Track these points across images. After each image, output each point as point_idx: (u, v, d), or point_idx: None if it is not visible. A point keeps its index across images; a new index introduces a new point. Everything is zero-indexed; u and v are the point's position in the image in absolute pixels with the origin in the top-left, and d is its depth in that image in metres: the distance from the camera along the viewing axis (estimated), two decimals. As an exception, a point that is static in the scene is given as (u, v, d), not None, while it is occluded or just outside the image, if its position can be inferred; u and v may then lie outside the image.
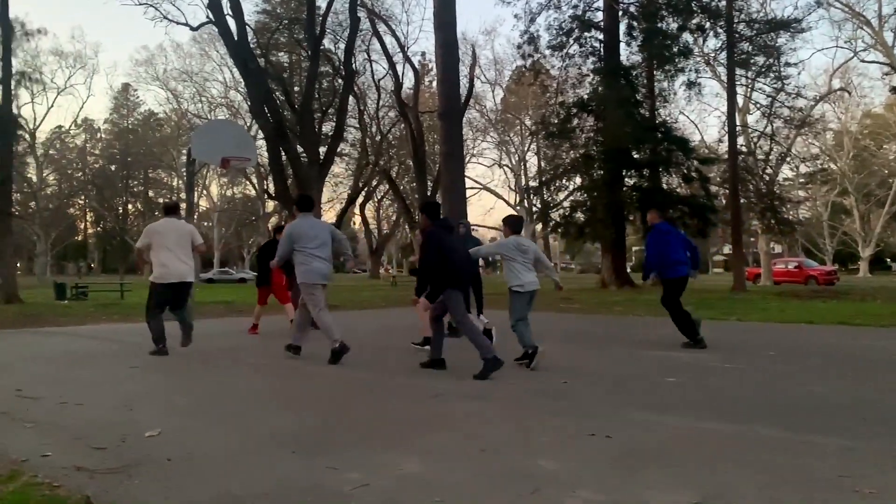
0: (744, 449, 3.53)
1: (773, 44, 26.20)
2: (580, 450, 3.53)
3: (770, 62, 26.45)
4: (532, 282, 6.51)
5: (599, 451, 3.49)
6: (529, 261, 6.52)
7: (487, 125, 49.05)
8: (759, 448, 3.55)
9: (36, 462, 3.29)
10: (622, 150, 25.07)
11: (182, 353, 7.74)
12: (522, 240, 6.64)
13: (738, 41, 25.72)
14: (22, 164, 44.49)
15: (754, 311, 13.90)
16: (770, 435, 3.81)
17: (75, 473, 3.12)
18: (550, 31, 27.88)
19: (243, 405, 4.85)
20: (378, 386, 5.59)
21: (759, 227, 31.26)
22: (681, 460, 3.33)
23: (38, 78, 42.74)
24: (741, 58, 25.99)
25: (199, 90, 50.16)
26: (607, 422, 4.12)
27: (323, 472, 3.14)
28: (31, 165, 49.64)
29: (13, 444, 3.63)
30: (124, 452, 3.47)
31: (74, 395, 5.04)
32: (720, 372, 6.19)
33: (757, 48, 26.31)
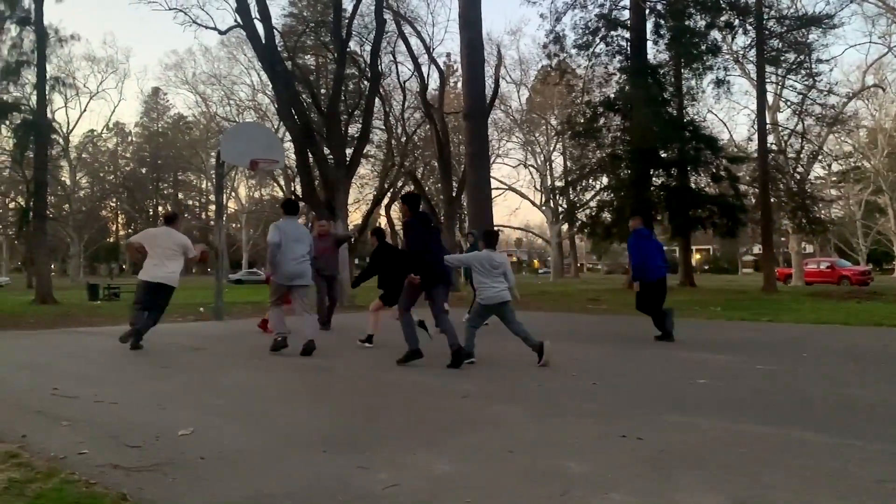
0: (778, 452, 3.47)
1: (804, 40, 25.77)
2: (611, 452, 3.50)
3: (801, 59, 26.01)
4: (495, 296, 6.74)
5: (630, 453, 3.45)
6: (499, 274, 6.77)
7: (513, 125, 48.88)
8: (794, 451, 3.48)
9: (73, 460, 3.35)
10: (649, 150, 24.84)
11: (213, 354, 7.85)
12: (495, 254, 6.91)
13: (768, 38, 25.34)
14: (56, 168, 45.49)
15: (786, 312, 13.66)
16: (805, 438, 3.74)
17: (111, 471, 3.17)
18: (576, 30, 27.74)
19: (274, 404, 4.89)
20: (406, 386, 5.60)
21: (790, 226, 30.74)
22: (714, 463, 3.28)
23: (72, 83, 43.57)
24: (771, 55, 25.61)
25: (228, 93, 50.68)
26: (638, 423, 4.07)
27: (353, 472, 3.15)
28: (64, 169, 50.73)
29: (50, 442, 3.70)
30: (158, 451, 3.53)
31: (108, 394, 5.12)
32: (752, 374, 6.09)
33: (787, 45, 25.91)
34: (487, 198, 24.59)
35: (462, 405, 4.77)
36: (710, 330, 10.51)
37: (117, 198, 67.98)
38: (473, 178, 24.21)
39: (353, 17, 22.41)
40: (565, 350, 7.51)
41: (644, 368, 6.54)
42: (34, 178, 21.31)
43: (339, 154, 19.22)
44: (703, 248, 78.76)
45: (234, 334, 10.30)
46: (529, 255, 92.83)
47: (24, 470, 3.20)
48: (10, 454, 3.46)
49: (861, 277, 33.77)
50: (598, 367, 6.67)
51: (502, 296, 6.74)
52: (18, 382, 5.82)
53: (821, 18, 25.25)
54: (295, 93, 19.85)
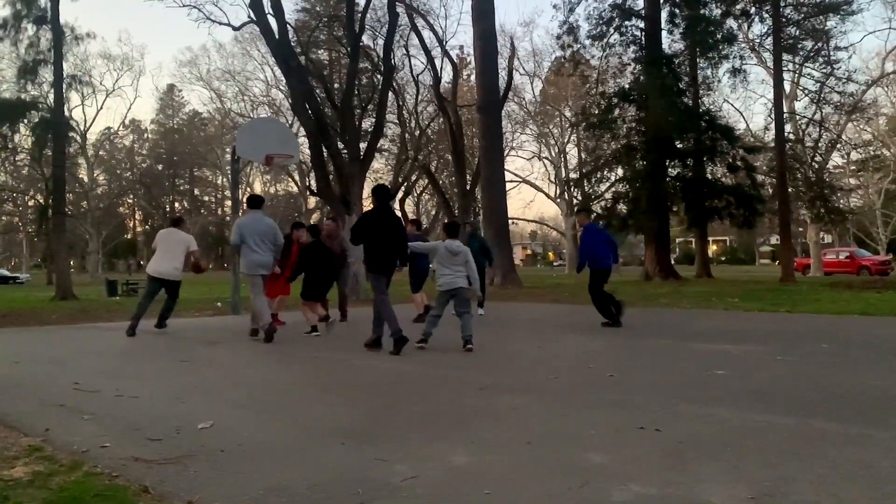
0: (799, 442, 3.44)
1: (821, 27, 25.44)
2: (630, 443, 3.49)
3: (819, 46, 25.71)
4: (450, 282, 7.22)
5: (650, 444, 3.44)
6: (458, 263, 7.23)
7: (526, 117, 48.64)
8: (815, 441, 3.45)
9: (95, 453, 3.39)
10: (665, 140, 24.65)
11: (231, 347, 7.92)
12: (454, 244, 7.30)
13: (785, 25, 25.03)
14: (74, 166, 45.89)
15: (805, 303, 13.52)
16: (826, 428, 3.71)
17: (133, 464, 3.21)
18: (590, 20, 27.50)
19: (292, 397, 4.92)
20: (424, 378, 5.61)
21: (808, 216, 30.44)
22: (734, 453, 3.26)
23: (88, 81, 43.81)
24: (788, 43, 25.31)
25: (242, 89, 50.96)
26: (656, 414, 4.05)
27: (372, 464, 3.16)
28: (82, 166, 51.16)
29: (73, 436, 3.75)
30: (179, 443, 3.56)
31: (129, 388, 5.18)
32: (772, 364, 6.04)
33: (805, 32, 25.60)
34: (501, 191, 24.54)
35: (479, 397, 4.77)
36: (728, 321, 10.42)
37: (134, 194, 68.50)
38: (487, 170, 24.16)
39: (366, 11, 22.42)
40: (582, 342, 7.48)
41: (661, 360, 6.51)
42: (52, 175, 21.56)
43: (353, 148, 19.26)
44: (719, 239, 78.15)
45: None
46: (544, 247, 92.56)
47: (47, 463, 3.24)
48: (34, 447, 3.52)
49: (881, 267, 33.33)
50: (616, 358, 6.65)
51: (456, 282, 7.20)
52: (41, 377, 5.90)
53: (839, 5, 24.89)
54: (309, 88, 19.90)
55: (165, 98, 72.57)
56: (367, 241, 7.19)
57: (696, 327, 9.54)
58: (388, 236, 7.24)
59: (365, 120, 31.39)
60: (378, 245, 7.18)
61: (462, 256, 7.26)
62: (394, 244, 7.27)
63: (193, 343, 8.41)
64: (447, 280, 7.21)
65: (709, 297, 15.21)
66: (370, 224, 7.21)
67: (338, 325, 9.49)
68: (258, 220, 8.47)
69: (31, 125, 23.05)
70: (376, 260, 7.21)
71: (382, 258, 7.21)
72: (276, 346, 7.95)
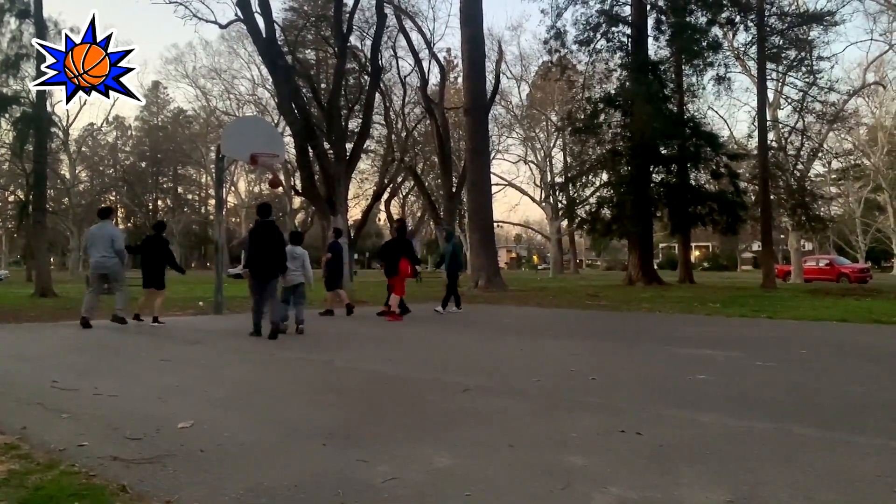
0: (778, 447, 3.47)
1: (805, 37, 25.73)
2: (611, 446, 3.50)
3: (802, 56, 25.98)
4: (291, 279, 8.92)
5: (630, 448, 3.46)
6: (299, 266, 9.03)
7: (513, 121, 48.82)
8: (793, 446, 3.49)
9: (72, 452, 3.35)
10: (650, 146, 24.83)
11: (213, 347, 7.87)
12: (296, 249, 9.06)
13: (770, 35, 25.30)
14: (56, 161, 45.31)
15: (785, 309, 13.67)
16: (805, 433, 3.75)
17: (111, 463, 3.17)
18: (577, 25, 27.62)
19: (274, 397, 4.89)
20: (407, 380, 5.60)
21: (790, 223, 30.76)
22: (714, 458, 3.28)
23: (72, 76, 43.34)
24: (772, 52, 25.58)
25: (228, 87, 50.65)
26: (638, 418, 4.08)
27: (354, 465, 3.15)
28: (64, 162, 50.54)
29: (50, 434, 3.70)
30: (158, 443, 3.52)
31: (108, 387, 5.12)
32: (752, 370, 6.10)
33: (788, 42, 25.87)
34: (487, 194, 24.59)
35: (462, 399, 4.77)
36: (709, 326, 10.51)
37: (117, 192, 67.78)
38: (473, 173, 24.19)
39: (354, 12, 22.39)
40: (565, 345, 7.51)
41: (643, 364, 6.55)
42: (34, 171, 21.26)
43: (339, 149, 19.23)
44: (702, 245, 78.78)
45: (234, 328, 10.30)
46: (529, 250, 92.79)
47: (23, 462, 3.20)
48: (10, 446, 3.46)
49: (860, 275, 33.76)
50: (598, 362, 6.68)
51: (295, 278, 8.96)
52: (18, 375, 5.82)
53: (822, 15, 25.23)
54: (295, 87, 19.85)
55: (150, 95, 71.81)
56: (249, 250, 8.45)
57: (678, 332, 9.61)
58: (267, 247, 8.33)
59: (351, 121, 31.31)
60: (257, 254, 8.33)
61: (300, 260, 9.03)
62: (272, 255, 8.37)
63: (175, 342, 8.34)
64: (291, 277, 8.86)
65: (691, 303, 15.32)
66: (253, 236, 8.46)
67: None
68: (101, 228, 10.05)
69: (12, 120, 22.75)
70: (253, 267, 8.42)
71: (259, 266, 8.36)
72: (261, 346, 7.91)
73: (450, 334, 9.62)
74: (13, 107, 22.16)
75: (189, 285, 28.50)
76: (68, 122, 48.95)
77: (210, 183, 64.49)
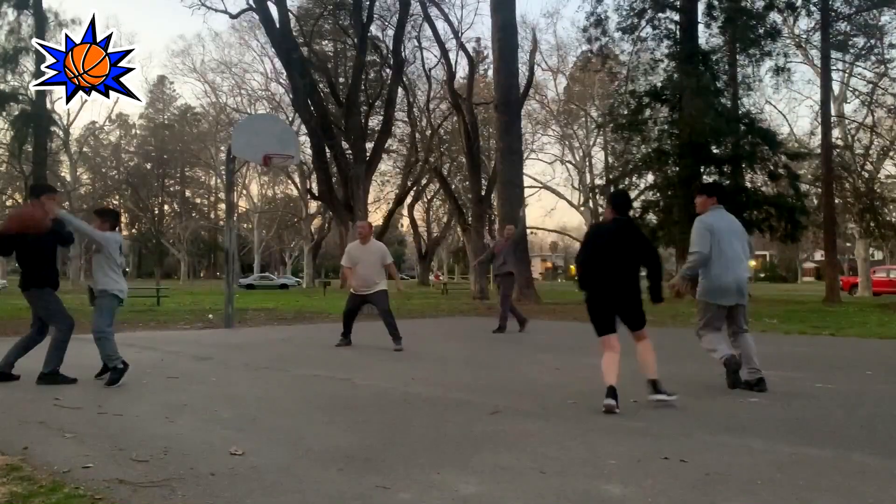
0: (836, 477, 3.47)
1: (874, 22, 25.42)
2: (651, 474, 3.53)
3: (871, 43, 25.66)
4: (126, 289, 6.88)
5: (673, 476, 3.48)
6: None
7: (549, 117, 48.78)
8: (853, 476, 3.48)
9: (77, 474, 3.47)
10: (700, 144, 24.60)
11: (223, 363, 8.02)
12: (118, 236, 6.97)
13: (835, 20, 25.02)
14: (56, 163, 46.40)
15: (850, 325, 13.47)
16: (866, 462, 3.74)
17: (118, 486, 3.28)
18: (620, 11, 27.51)
19: (288, 418, 4.99)
20: (431, 401, 5.67)
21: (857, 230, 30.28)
22: (765, 488, 3.29)
23: (73, 71, 44.30)
24: (837, 39, 25.28)
25: (239, 82, 51.44)
26: (682, 444, 4.09)
27: (373, 492, 3.22)
28: (64, 164, 51.72)
29: (54, 455, 3.83)
30: (166, 465, 3.64)
31: (113, 405, 5.27)
32: (809, 392, 6.06)
33: (856, 28, 25.57)
34: (520, 197, 24.62)
35: (490, 421, 4.82)
36: (765, 344, 10.38)
37: (120, 195, 69.12)
38: (505, 174, 24.25)
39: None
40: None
41: (690, 385, 6.52)
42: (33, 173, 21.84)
43: (358, 149, 19.41)
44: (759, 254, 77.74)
45: (246, 343, 10.48)
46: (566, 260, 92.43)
47: (26, 484, 3.32)
48: (12, 467, 3.59)
49: (938, 287, 33.08)
50: (640, 383, 6.66)
51: None
52: (19, 392, 6.01)
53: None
54: (311, 82, 20.10)
55: (156, 91, 73.25)
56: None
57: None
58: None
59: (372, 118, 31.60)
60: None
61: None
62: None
63: (183, 358, 8.52)
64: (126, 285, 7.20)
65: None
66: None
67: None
68: None
69: (10, 118, 23.35)
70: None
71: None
72: (275, 362, 8.04)
73: (479, 351, 9.67)
74: (11, 104, 22.73)
75: (197, 296, 28.93)
76: (69, 121, 50.09)
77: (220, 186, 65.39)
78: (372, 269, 9.38)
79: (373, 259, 9.40)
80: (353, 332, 9.87)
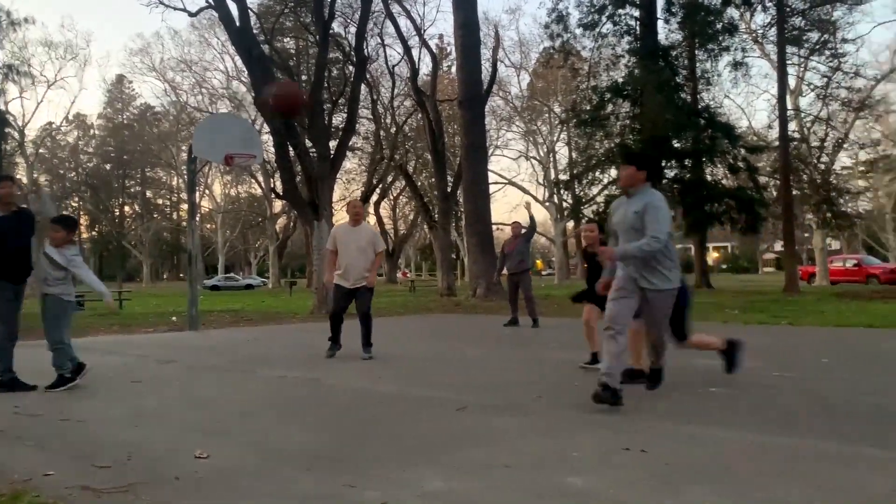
0: (794, 463, 3.57)
1: (828, 18, 25.97)
2: (614, 466, 3.59)
3: (825, 38, 26.21)
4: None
5: (635, 468, 3.55)
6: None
7: (513, 113, 49.00)
8: (810, 462, 3.59)
9: (38, 482, 3.42)
10: (661, 139, 24.94)
11: (188, 366, 7.94)
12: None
13: (790, 16, 25.54)
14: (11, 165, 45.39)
15: (808, 314, 13.80)
16: (824, 448, 3.85)
17: (80, 493, 3.24)
18: (581, 7, 27.73)
19: (255, 420, 4.97)
20: (399, 399, 5.68)
21: (814, 221, 30.95)
22: (726, 476, 3.38)
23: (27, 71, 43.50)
24: (793, 34, 25.79)
25: (200, 80, 50.79)
26: (645, 436, 4.17)
27: (341, 491, 3.23)
28: (20, 165, 50.61)
29: (14, 463, 3.77)
30: (130, 471, 3.60)
31: (75, 412, 5.19)
32: (768, 381, 6.21)
33: (810, 23, 26.10)
34: (485, 193, 24.69)
35: (458, 418, 4.86)
36: (726, 334, 10.58)
37: (80, 197, 67.84)
38: (470, 171, 24.29)
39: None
40: (570, 359, 7.60)
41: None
42: (-12, 176, 21.28)
43: (322, 147, 19.29)
44: (721, 246, 79.07)
45: (211, 345, 10.38)
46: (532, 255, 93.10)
47: (-14, 493, 3.27)
48: (-28, 476, 3.53)
49: (890, 276, 33.94)
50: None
51: None
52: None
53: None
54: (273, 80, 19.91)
55: (114, 90, 71.97)
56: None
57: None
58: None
59: (336, 115, 31.46)
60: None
61: None
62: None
63: (147, 362, 8.41)
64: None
65: (707, 309, 15.43)
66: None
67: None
68: None
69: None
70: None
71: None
72: (240, 364, 7.99)
73: (445, 349, 9.71)
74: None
75: (161, 299, 28.54)
76: (24, 122, 49.12)
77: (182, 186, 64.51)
78: (362, 256, 8.13)
79: (363, 244, 8.18)
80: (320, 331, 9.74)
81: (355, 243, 8.13)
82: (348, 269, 8.12)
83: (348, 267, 8.12)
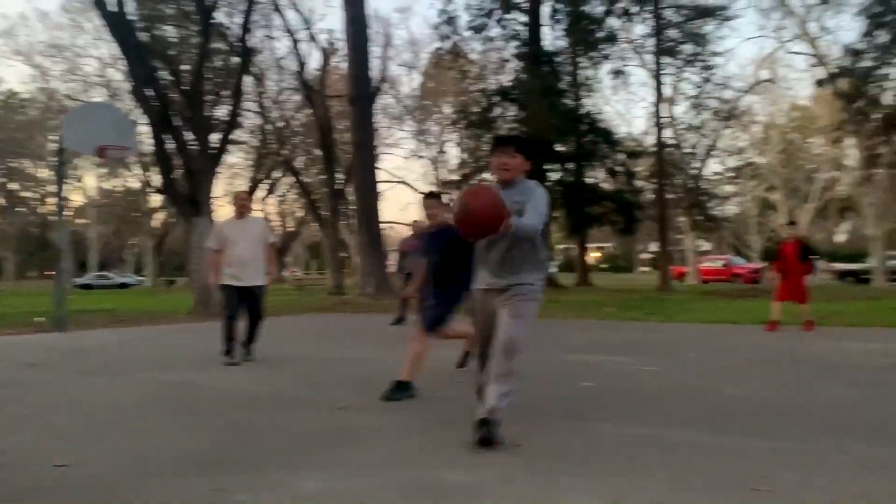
0: (658, 453, 3.78)
1: (699, 31, 27.51)
2: (489, 460, 3.69)
3: (698, 51, 27.75)
4: None
5: (509, 460, 3.66)
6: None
7: (404, 112, 49.03)
8: (671, 451, 3.81)
9: None
10: (545, 142, 25.70)
11: (56, 370, 7.52)
12: None
13: (666, 28, 26.85)
14: None
15: (679, 312, 14.61)
16: (686, 438, 4.10)
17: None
18: (470, 10, 28.19)
19: (124, 425, 4.77)
20: (276, 400, 5.60)
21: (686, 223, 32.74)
22: (595, 466, 3.55)
23: None
24: (668, 45, 27.16)
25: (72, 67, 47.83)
26: (519, 430, 4.29)
27: (210, 496, 3.16)
28: None
29: None
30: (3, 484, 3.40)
31: (-79, 420, 4.82)
32: (638, 375, 6.54)
33: (685, 35, 27.55)
34: (374, 192, 24.64)
35: (336, 417, 4.85)
36: (600, 331, 11.10)
37: (-67, 188, 62.54)
38: (360, 169, 24.19)
39: (221, -15, 21.79)
40: (447, 357, 7.71)
41: (528, 372, 6.84)
42: None
43: (203, 140, 18.67)
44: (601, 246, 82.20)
45: (80, 347, 9.85)
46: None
47: None
48: None
49: (753, 275, 36.43)
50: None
51: None
52: None
53: (715, 9, 27.03)
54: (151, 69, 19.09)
55: (-25, 73, 66.83)
56: None
57: (569, 338, 10.08)
58: None
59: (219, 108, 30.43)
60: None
61: None
62: None
63: (9, 366, 7.90)
64: None
65: (586, 307, 16.06)
66: None
67: None
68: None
69: None
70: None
71: None
72: (111, 367, 7.64)
73: (329, 348, 9.64)
74: None
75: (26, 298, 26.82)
76: None
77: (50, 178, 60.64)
78: (253, 251, 7.66)
79: (252, 239, 7.69)
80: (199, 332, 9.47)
81: (245, 238, 7.66)
82: (241, 266, 7.63)
83: (240, 264, 7.62)
